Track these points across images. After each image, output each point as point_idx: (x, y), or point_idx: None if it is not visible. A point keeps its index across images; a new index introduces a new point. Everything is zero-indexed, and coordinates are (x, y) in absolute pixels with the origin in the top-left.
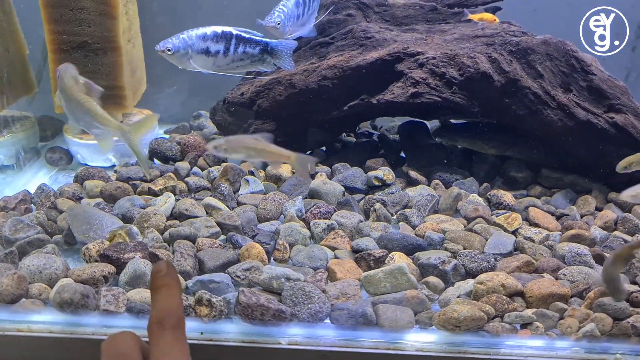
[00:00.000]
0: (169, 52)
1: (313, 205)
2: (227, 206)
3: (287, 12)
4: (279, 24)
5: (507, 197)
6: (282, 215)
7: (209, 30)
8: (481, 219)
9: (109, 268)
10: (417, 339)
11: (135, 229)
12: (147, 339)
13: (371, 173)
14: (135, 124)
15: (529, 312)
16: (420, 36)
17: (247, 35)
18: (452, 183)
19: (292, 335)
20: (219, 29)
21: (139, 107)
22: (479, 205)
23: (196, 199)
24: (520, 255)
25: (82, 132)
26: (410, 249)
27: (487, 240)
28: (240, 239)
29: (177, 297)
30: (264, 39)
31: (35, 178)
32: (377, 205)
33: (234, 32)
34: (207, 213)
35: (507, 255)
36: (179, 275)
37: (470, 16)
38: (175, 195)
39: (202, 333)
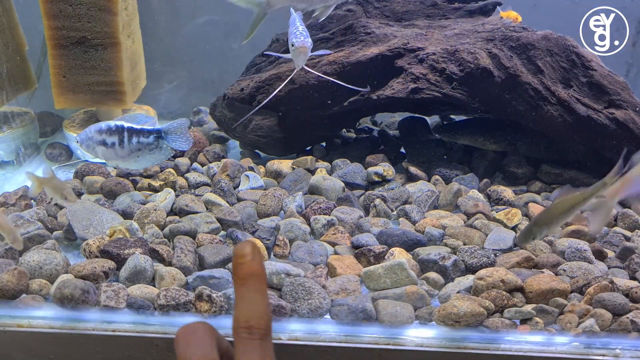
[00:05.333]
0: (78, 143)
1: (313, 201)
2: (227, 202)
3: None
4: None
5: (507, 192)
6: (282, 211)
7: (103, 124)
8: (481, 215)
9: (109, 264)
10: (417, 335)
11: (135, 224)
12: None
13: (371, 169)
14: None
15: (528, 307)
16: (421, 32)
17: (138, 127)
18: (452, 179)
19: (292, 330)
20: (112, 123)
21: (138, 103)
22: (479, 201)
23: (196, 195)
24: (519, 250)
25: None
26: (410, 245)
27: (487, 236)
28: (240, 234)
29: (265, 296)
30: (155, 127)
31: (35, 174)
32: (377, 201)
33: (126, 125)
34: (207, 209)
35: (507, 250)
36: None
37: (501, 13)
38: (175, 191)
39: None
